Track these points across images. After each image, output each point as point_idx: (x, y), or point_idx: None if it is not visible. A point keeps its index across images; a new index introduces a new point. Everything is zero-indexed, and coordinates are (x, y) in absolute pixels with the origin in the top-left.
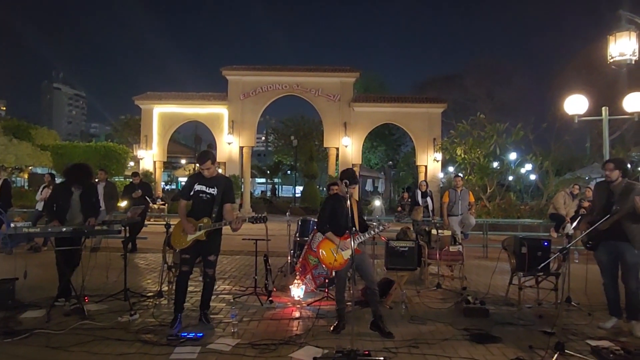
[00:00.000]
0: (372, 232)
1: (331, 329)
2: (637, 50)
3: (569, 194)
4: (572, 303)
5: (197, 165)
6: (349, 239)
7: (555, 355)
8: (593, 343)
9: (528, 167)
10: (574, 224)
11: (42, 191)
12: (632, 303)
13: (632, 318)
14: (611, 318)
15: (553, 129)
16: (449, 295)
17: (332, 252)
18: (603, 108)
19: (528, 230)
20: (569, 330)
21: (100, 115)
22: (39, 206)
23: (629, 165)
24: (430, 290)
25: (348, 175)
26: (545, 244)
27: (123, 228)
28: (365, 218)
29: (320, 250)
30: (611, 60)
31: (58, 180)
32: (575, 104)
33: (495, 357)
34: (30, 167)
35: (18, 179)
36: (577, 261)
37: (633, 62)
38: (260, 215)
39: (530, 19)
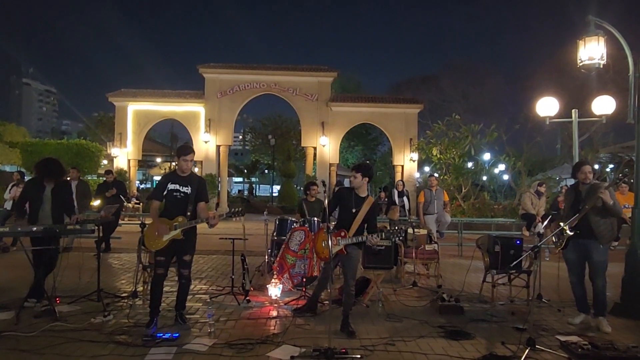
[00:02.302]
0: (360, 238)
1: (294, 308)
2: (605, 55)
3: (534, 193)
4: (543, 300)
5: (177, 157)
6: (339, 238)
7: (527, 351)
8: (562, 338)
9: (501, 167)
10: (545, 222)
11: (10, 189)
12: (599, 300)
13: (599, 314)
14: (579, 314)
15: (525, 130)
16: (425, 293)
17: (323, 243)
18: (573, 110)
19: (501, 229)
20: (540, 326)
21: (72, 112)
22: (8, 205)
23: (596, 166)
24: (407, 288)
25: (355, 165)
26: (518, 242)
27: (96, 227)
28: None
29: (317, 236)
30: (581, 64)
31: (27, 179)
32: (547, 106)
33: (469, 353)
34: None
35: None
36: (547, 259)
37: (601, 66)
38: (235, 209)
39: (503, 22)
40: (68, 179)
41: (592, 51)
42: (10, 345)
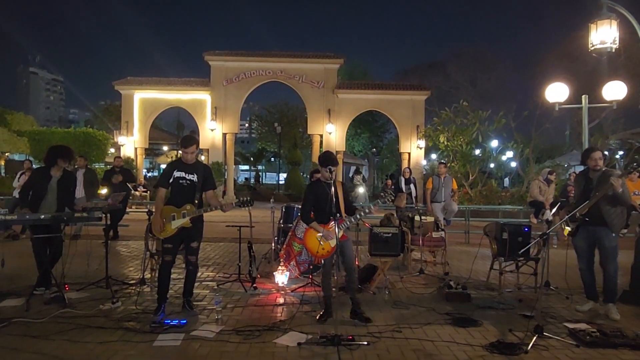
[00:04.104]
0: (358, 216)
1: (317, 317)
2: (617, 39)
3: (543, 181)
4: (551, 287)
5: (181, 149)
6: (334, 227)
7: (535, 338)
8: (571, 325)
9: (509, 154)
10: (554, 210)
11: (19, 178)
12: (610, 287)
13: (609, 301)
14: (588, 301)
15: (534, 117)
16: (432, 280)
17: (319, 240)
18: (583, 96)
19: (508, 217)
20: (548, 313)
21: (79, 101)
22: (17, 193)
23: (606, 153)
24: (413, 275)
25: (327, 159)
26: (526, 229)
27: (104, 215)
28: None
29: (306, 239)
30: (592, 48)
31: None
32: (556, 92)
33: (476, 340)
34: (6, 154)
35: None
36: (555, 246)
37: (613, 50)
38: (245, 198)
39: (512, 7)
40: (76, 167)
41: (604, 35)
42: (21, 331)
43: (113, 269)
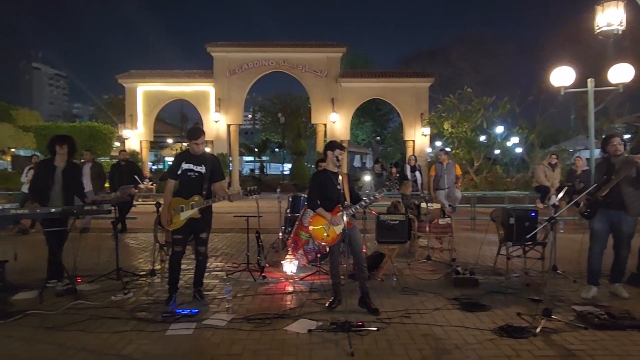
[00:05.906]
0: (363, 203)
1: (327, 305)
2: (624, 20)
3: (547, 165)
4: (558, 271)
5: (188, 140)
6: (340, 214)
7: (543, 321)
8: (579, 308)
9: (514, 140)
10: (559, 194)
11: (27, 173)
12: (619, 268)
13: (616, 281)
14: (591, 287)
15: (539, 102)
16: (439, 266)
17: (324, 227)
18: (588, 80)
19: (514, 202)
20: (556, 297)
21: (83, 95)
22: (25, 188)
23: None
24: (421, 262)
25: (334, 144)
26: (533, 214)
27: (113, 208)
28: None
29: (311, 227)
30: (598, 31)
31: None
32: (562, 76)
33: (485, 325)
34: (12, 149)
35: (1, 161)
36: (562, 231)
37: (620, 32)
38: (252, 188)
39: None
40: (82, 161)
41: (610, 17)
42: (36, 323)
43: (123, 261)
